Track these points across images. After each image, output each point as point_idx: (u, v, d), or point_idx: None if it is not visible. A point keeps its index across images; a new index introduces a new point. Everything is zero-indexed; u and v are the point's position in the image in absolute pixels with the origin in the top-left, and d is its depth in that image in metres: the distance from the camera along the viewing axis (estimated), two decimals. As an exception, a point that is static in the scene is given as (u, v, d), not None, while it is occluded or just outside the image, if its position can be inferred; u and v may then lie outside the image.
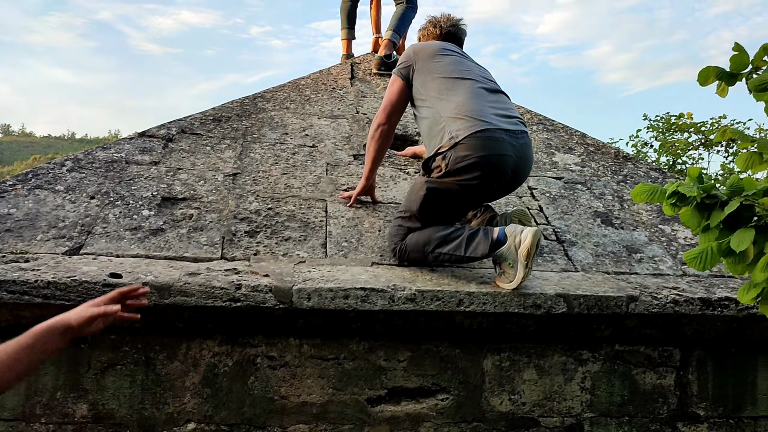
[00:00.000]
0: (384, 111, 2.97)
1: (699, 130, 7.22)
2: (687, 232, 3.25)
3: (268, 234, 2.83)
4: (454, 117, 2.63)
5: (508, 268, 2.46)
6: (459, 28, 3.23)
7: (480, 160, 2.53)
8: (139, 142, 3.40)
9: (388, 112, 2.97)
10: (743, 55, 2.14)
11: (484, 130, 2.56)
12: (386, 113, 2.97)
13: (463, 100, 2.69)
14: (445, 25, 3.20)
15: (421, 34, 3.27)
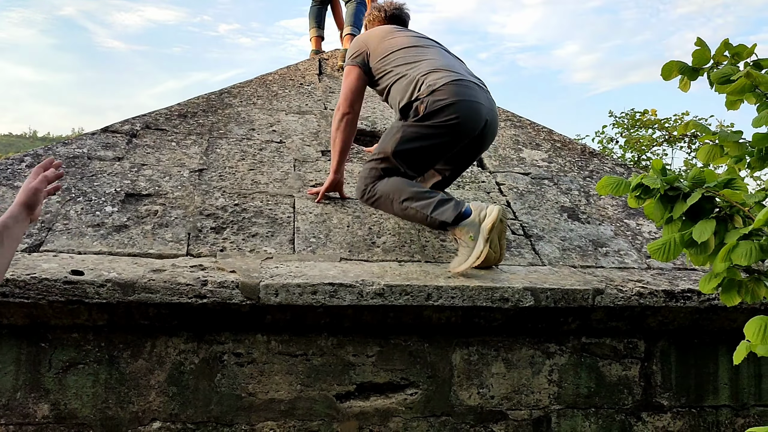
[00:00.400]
0: (346, 100, 2.99)
1: (663, 127, 7.37)
2: (651, 226, 3.30)
3: (234, 230, 2.80)
4: (428, 72, 2.77)
5: (469, 240, 2.53)
6: (403, 11, 3.33)
7: (457, 102, 2.67)
8: (102, 137, 3.33)
9: (350, 100, 2.99)
10: (705, 50, 2.19)
11: (460, 80, 2.74)
12: (348, 102, 2.99)
13: (434, 60, 2.86)
14: (389, 9, 3.29)
15: (367, 20, 3.36)
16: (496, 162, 3.72)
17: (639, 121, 7.57)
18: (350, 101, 2.99)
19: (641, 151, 7.43)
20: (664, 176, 1.90)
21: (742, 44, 2.16)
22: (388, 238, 2.90)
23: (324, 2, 5.25)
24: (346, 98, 3.00)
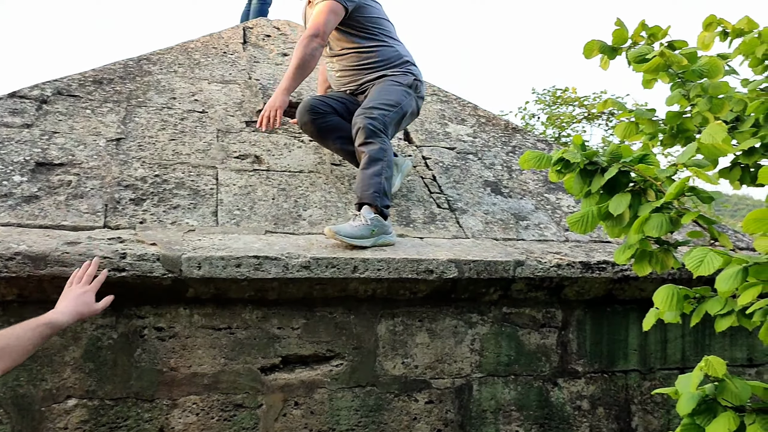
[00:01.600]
0: (325, 32, 2.94)
1: (582, 104, 7.63)
2: (570, 201, 3.42)
3: (155, 202, 2.71)
4: (412, 61, 3.17)
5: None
6: None
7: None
8: (8, 103, 3.14)
9: (327, 34, 2.95)
10: (623, 30, 2.26)
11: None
12: (326, 34, 2.95)
13: (405, 48, 3.22)
14: None
15: None
16: (423, 136, 3.75)
17: (560, 98, 7.81)
18: (327, 34, 2.95)
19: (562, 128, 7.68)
20: (583, 151, 1.96)
21: (657, 26, 2.24)
22: (314, 211, 2.88)
23: None
24: (326, 31, 2.93)
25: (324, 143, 3.15)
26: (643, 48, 1.99)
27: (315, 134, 3.08)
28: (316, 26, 2.93)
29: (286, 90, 2.94)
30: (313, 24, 2.95)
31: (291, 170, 3.13)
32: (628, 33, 2.28)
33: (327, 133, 3.04)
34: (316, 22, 2.94)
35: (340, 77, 3.16)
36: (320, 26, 2.92)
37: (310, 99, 3.11)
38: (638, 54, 1.97)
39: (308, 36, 2.93)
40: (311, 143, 3.33)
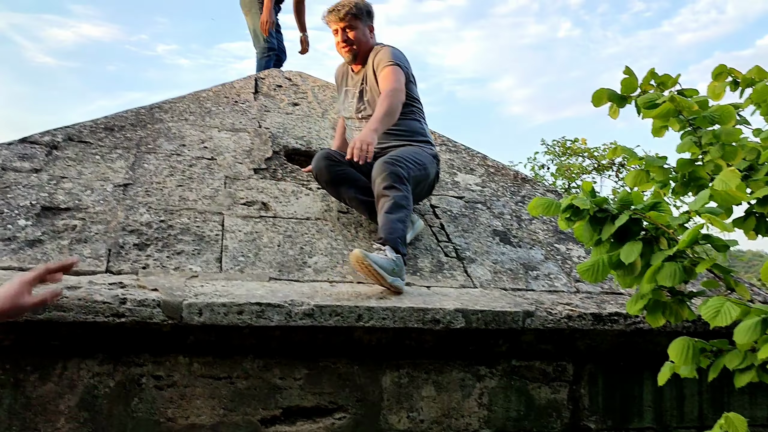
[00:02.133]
0: (402, 90, 3.00)
1: (592, 155, 7.62)
2: (581, 251, 3.36)
3: (159, 247, 2.68)
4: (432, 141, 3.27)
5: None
6: None
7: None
8: (18, 148, 3.16)
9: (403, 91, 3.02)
10: (633, 78, 2.25)
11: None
12: (404, 93, 3.01)
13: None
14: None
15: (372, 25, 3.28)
16: (431, 185, 3.72)
17: (570, 149, 7.80)
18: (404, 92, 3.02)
19: (571, 179, 7.65)
20: (593, 198, 1.92)
21: (667, 74, 2.23)
22: (319, 258, 2.84)
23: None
24: (402, 89, 3.01)
25: (336, 192, 3.12)
26: (653, 94, 1.97)
27: (329, 181, 3.07)
28: (398, 83, 3.00)
29: (375, 131, 2.84)
30: (392, 81, 3.00)
31: (298, 217, 3.10)
32: (638, 81, 2.26)
33: (341, 181, 3.05)
34: (395, 80, 3.01)
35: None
36: (401, 84, 3.01)
37: (326, 149, 3.21)
38: (648, 100, 1.95)
39: (395, 89, 2.97)
40: (319, 191, 3.32)
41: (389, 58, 3.09)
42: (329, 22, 3.21)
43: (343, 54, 3.24)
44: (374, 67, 3.13)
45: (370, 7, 3.26)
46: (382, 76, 3.06)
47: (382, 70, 3.07)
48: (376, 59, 3.13)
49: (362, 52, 3.21)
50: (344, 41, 3.18)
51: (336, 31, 3.19)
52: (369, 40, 3.23)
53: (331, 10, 3.18)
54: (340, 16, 3.14)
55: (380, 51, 3.16)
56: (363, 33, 3.19)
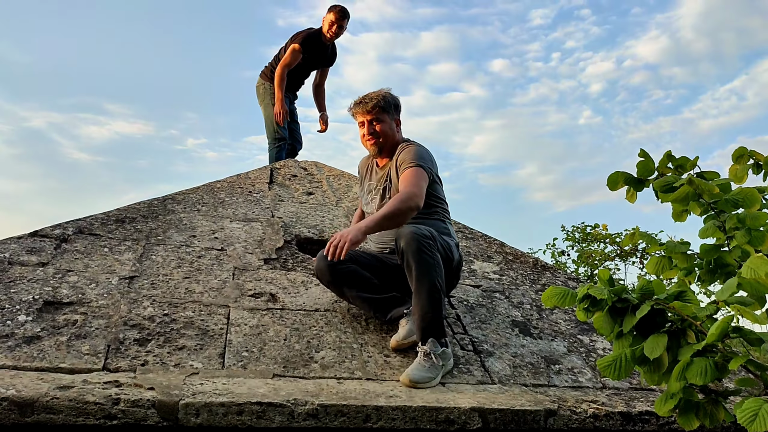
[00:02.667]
0: (422, 196, 2.86)
1: (614, 241, 7.46)
2: (605, 343, 3.18)
3: (160, 342, 2.58)
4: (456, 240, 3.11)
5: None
6: None
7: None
8: (28, 241, 3.13)
9: (423, 199, 2.87)
10: (649, 161, 2.16)
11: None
12: (423, 199, 2.86)
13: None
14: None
15: (399, 119, 3.21)
16: (447, 274, 3.61)
17: (590, 235, 7.67)
18: (422, 201, 2.87)
19: (594, 265, 7.47)
20: (611, 287, 1.79)
21: (684, 156, 2.14)
22: (327, 353, 2.70)
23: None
24: (423, 196, 2.86)
25: (338, 291, 2.97)
26: (670, 177, 1.88)
27: (330, 281, 2.93)
28: (415, 187, 2.86)
29: (365, 230, 2.74)
30: (409, 185, 2.86)
31: (306, 308, 2.99)
32: (654, 164, 2.18)
33: (342, 280, 2.89)
34: (413, 183, 2.87)
35: (384, 233, 3.01)
36: (420, 192, 2.86)
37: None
38: (665, 183, 1.85)
39: (410, 194, 2.81)
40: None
41: (412, 158, 2.96)
42: (356, 113, 3.11)
43: (368, 147, 3.13)
44: (397, 165, 3.01)
45: (397, 100, 3.17)
46: (402, 177, 2.93)
47: (404, 170, 2.94)
48: (400, 158, 3.01)
49: (388, 146, 3.10)
50: (370, 134, 3.07)
51: (362, 123, 3.09)
52: (395, 134, 3.13)
53: (358, 102, 3.10)
54: (367, 109, 3.05)
55: (405, 149, 3.04)
56: (390, 126, 3.09)
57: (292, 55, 5.32)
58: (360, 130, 3.12)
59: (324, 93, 6.01)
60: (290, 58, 5.33)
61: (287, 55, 5.33)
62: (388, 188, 3.04)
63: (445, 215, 3.08)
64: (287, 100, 5.56)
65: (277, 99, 5.38)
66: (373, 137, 3.07)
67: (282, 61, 5.35)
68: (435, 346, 2.59)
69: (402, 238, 2.65)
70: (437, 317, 2.61)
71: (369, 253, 3.04)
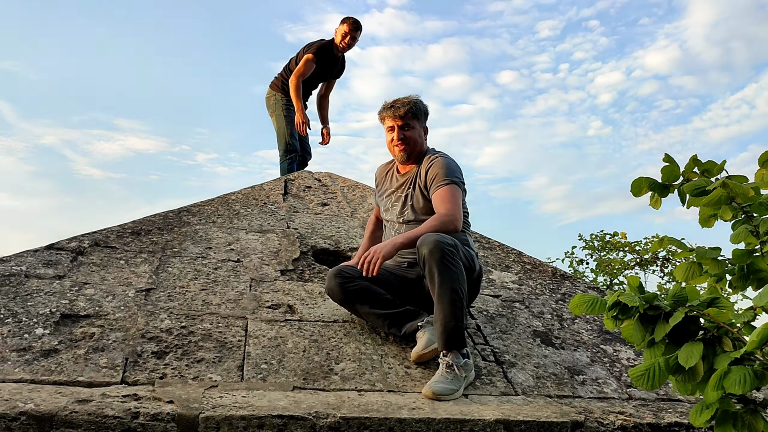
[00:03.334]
0: (460, 218, 2.83)
1: (633, 250, 7.37)
2: (629, 353, 3.11)
3: (178, 355, 2.54)
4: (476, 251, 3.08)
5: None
6: None
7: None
8: (44, 254, 3.12)
9: (461, 221, 2.85)
10: (674, 166, 2.11)
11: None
12: (461, 222, 2.84)
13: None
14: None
15: (427, 127, 3.16)
16: (465, 284, 3.56)
17: (609, 243, 7.58)
18: (461, 223, 2.84)
19: (613, 274, 7.38)
20: (642, 294, 1.74)
21: (711, 161, 2.09)
22: (347, 365, 2.66)
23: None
24: (461, 216, 2.83)
25: (351, 309, 2.92)
26: (702, 180, 1.83)
27: (342, 300, 2.88)
28: (455, 208, 2.82)
29: (400, 246, 2.72)
30: (450, 207, 2.82)
31: (324, 320, 2.95)
32: (680, 169, 2.13)
33: (354, 298, 2.84)
34: (454, 204, 2.83)
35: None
36: (460, 214, 2.83)
37: (340, 266, 2.97)
38: (696, 186, 1.80)
39: (451, 217, 2.78)
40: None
41: (446, 173, 2.90)
42: (385, 117, 3.03)
43: (396, 152, 3.06)
44: (427, 178, 2.94)
45: (427, 108, 3.11)
46: (440, 195, 2.86)
47: (440, 187, 2.87)
48: (431, 171, 2.93)
49: (415, 154, 3.05)
50: (399, 139, 3.00)
51: (391, 128, 3.02)
52: (423, 142, 3.08)
53: (389, 106, 3.02)
54: (399, 114, 2.98)
55: (435, 162, 2.96)
56: (419, 133, 3.04)
57: (306, 65, 5.31)
58: (387, 135, 3.05)
59: (328, 105, 5.99)
60: (305, 68, 5.32)
61: (302, 65, 5.32)
62: (410, 195, 2.99)
63: (466, 227, 3.02)
64: (290, 108, 5.54)
65: (298, 109, 5.37)
66: (403, 143, 3.01)
67: (297, 70, 5.33)
68: (457, 357, 2.54)
69: (425, 246, 2.60)
70: (459, 326, 2.56)
71: (382, 268, 2.98)
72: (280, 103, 5.50)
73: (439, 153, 3.05)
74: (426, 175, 2.94)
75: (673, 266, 7.25)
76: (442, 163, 2.94)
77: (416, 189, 2.97)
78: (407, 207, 2.99)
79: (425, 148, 3.08)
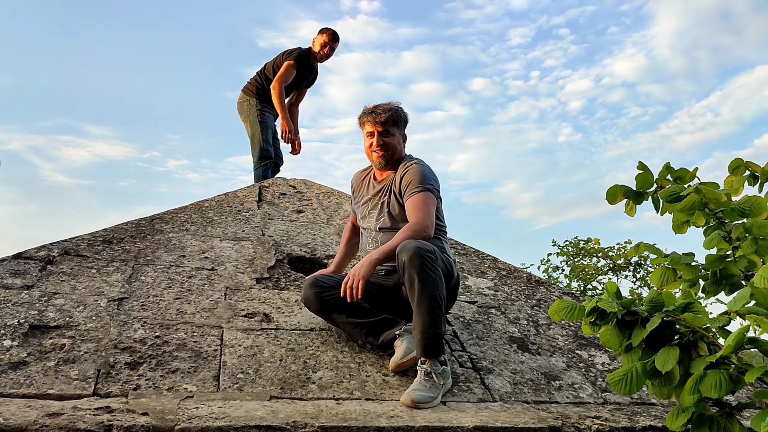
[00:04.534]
0: (432, 224, 2.81)
1: (606, 255, 7.46)
2: (604, 357, 3.14)
3: (152, 365, 2.50)
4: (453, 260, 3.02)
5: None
6: None
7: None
8: (11, 264, 3.05)
9: (434, 226, 2.83)
10: (648, 174, 2.14)
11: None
12: (433, 227, 2.82)
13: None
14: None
15: (405, 134, 3.15)
16: (441, 290, 3.56)
17: (583, 250, 7.67)
18: (433, 228, 2.82)
19: (587, 280, 7.46)
20: (619, 300, 1.76)
21: (683, 168, 2.13)
22: (324, 373, 2.63)
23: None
24: (432, 223, 2.81)
25: (328, 319, 2.89)
26: (675, 186, 1.86)
27: (319, 310, 2.86)
28: (427, 220, 2.80)
29: (376, 262, 2.70)
30: (422, 215, 2.80)
31: (301, 328, 2.93)
32: (653, 176, 2.16)
33: (331, 308, 2.82)
34: (426, 213, 2.81)
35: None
36: (432, 221, 2.81)
37: (316, 275, 2.97)
38: (670, 192, 1.83)
39: (422, 225, 2.76)
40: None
41: (420, 180, 2.90)
42: (365, 123, 3.02)
43: (374, 159, 3.04)
44: (401, 184, 2.94)
45: (407, 116, 3.11)
46: (412, 202, 2.86)
47: (413, 195, 2.87)
48: (405, 178, 2.93)
49: (393, 160, 3.03)
50: (379, 145, 2.99)
51: (371, 133, 3.01)
52: (401, 149, 3.07)
53: (369, 112, 3.01)
54: (379, 120, 2.97)
55: (410, 168, 2.96)
56: (398, 140, 3.03)
57: (287, 71, 5.34)
58: (366, 140, 3.04)
59: (298, 114, 5.96)
60: (286, 74, 5.35)
61: (284, 71, 5.33)
62: (386, 203, 2.98)
63: (442, 234, 3.01)
64: (270, 118, 5.54)
65: (283, 116, 5.42)
66: (382, 149, 2.99)
67: (279, 76, 5.34)
68: (435, 365, 2.54)
69: (405, 252, 2.60)
70: (438, 333, 2.56)
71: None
72: (255, 108, 5.47)
73: (415, 159, 3.04)
74: (400, 182, 2.93)
75: (646, 271, 7.34)
76: (417, 169, 2.94)
77: (392, 196, 2.96)
78: (383, 214, 2.97)
79: (403, 155, 3.08)
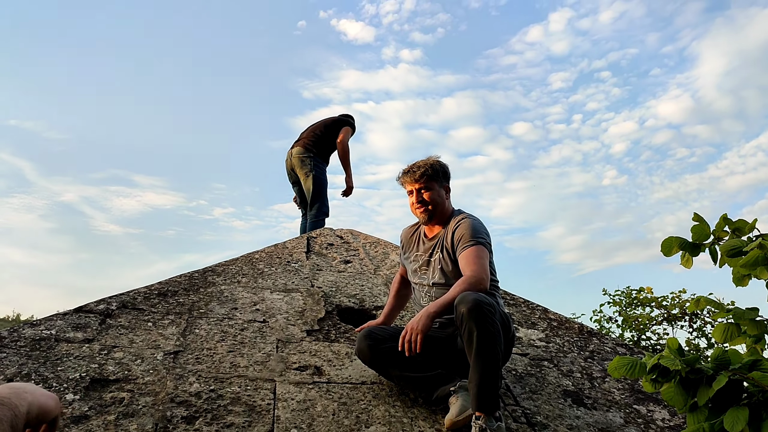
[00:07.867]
0: (488, 277, 2.79)
1: (660, 305, 7.25)
2: (664, 413, 3.04)
3: (208, 420, 2.53)
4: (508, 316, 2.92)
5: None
6: None
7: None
8: (73, 317, 3.14)
9: (489, 279, 2.81)
10: (704, 225, 2.11)
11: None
12: (488, 279, 2.80)
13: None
14: None
15: (448, 186, 3.17)
16: (492, 342, 3.52)
17: (636, 299, 7.46)
18: (488, 278, 2.81)
19: (641, 330, 7.25)
20: (681, 357, 1.72)
21: (742, 219, 2.09)
22: (377, 428, 2.62)
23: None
24: (488, 275, 2.80)
25: (382, 371, 2.90)
26: (737, 240, 1.82)
27: (372, 362, 2.87)
28: (482, 273, 2.78)
29: (433, 316, 2.67)
30: (477, 269, 2.79)
31: (353, 382, 2.92)
32: (710, 228, 2.13)
33: (385, 360, 2.83)
34: (481, 267, 2.80)
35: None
36: (486, 274, 2.80)
37: (370, 327, 3.01)
38: (731, 246, 1.80)
39: (478, 279, 2.74)
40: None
41: (471, 233, 2.90)
42: (404, 183, 3.09)
43: (418, 215, 3.08)
44: (454, 240, 2.95)
45: (446, 167, 3.15)
46: (466, 256, 2.85)
47: (466, 248, 2.87)
48: (457, 232, 2.95)
49: (438, 214, 3.07)
50: (419, 202, 3.04)
51: (411, 192, 3.07)
52: (445, 201, 3.09)
53: (406, 171, 3.08)
54: (415, 177, 3.04)
55: (461, 223, 2.98)
56: (438, 194, 3.06)
57: (348, 136, 6.03)
58: (409, 199, 3.10)
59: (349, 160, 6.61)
60: (348, 138, 6.03)
61: (347, 135, 6.02)
62: (439, 259, 3.00)
63: (495, 289, 2.99)
64: (324, 170, 5.88)
65: (349, 175, 5.99)
66: (422, 205, 3.04)
67: (345, 139, 5.98)
68: (490, 421, 2.50)
69: (463, 304, 2.59)
70: (495, 389, 2.53)
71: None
72: (319, 163, 5.94)
73: (466, 214, 3.06)
74: (452, 237, 2.95)
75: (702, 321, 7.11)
76: (469, 224, 2.95)
77: (444, 252, 2.98)
78: (437, 271, 2.99)
79: (450, 209, 3.11)
